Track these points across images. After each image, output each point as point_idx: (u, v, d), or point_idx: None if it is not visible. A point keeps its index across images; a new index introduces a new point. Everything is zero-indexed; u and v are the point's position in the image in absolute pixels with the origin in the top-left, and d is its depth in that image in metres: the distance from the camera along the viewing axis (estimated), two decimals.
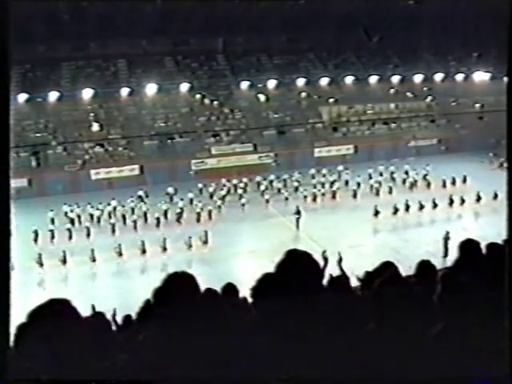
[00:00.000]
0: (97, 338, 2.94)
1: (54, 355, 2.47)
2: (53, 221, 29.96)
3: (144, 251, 26.04)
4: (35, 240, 27.67)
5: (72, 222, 30.53)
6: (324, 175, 37.52)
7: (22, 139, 37.56)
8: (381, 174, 37.62)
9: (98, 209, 31.77)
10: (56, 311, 2.60)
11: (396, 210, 30.18)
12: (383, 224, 29.59)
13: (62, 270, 25.12)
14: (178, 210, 31.01)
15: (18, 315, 2.68)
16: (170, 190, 35.05)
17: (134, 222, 30.11)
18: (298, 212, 29.64)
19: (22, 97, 39.91)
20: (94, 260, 25.56)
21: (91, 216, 31.32)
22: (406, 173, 37.51)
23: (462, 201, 31.13)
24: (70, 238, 28.59)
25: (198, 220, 30.56)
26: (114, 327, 4.42)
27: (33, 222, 28.16)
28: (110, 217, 30.74)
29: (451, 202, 31.06)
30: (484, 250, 3.63)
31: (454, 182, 35.33)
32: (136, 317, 3.58)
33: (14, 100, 37.69)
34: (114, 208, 31.85)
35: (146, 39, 43.87)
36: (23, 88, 40.00)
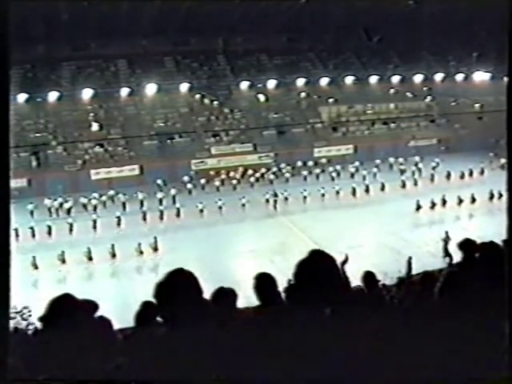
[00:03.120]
0: (99, 338, 2.94)
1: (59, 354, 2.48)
2: (32, 213, 31.21)
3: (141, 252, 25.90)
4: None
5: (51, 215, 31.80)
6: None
7: (22, 139, 37.55)
8: (391, 166, 40.15)
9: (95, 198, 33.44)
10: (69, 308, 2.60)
11: (433, 205, 30.74)
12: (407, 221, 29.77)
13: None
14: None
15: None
16: (186, 178, 37.55)
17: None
18: (275, 195, 33.21)
19: (22, 97, 39.93)
20: (114, 256, 25.28)
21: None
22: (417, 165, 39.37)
23: (460, 201, 31.16)
24: (33, 236, 28.29)
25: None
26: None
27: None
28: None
29: (443, 203, 31.13)
30: (481, 249, 3.64)
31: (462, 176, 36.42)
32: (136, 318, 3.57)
33: (13, 100, 37.69)
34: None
35: (146, 39, 43.87)
36: (23, 88, 39.99)
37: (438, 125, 47.57)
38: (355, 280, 4.74)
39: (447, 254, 22.83)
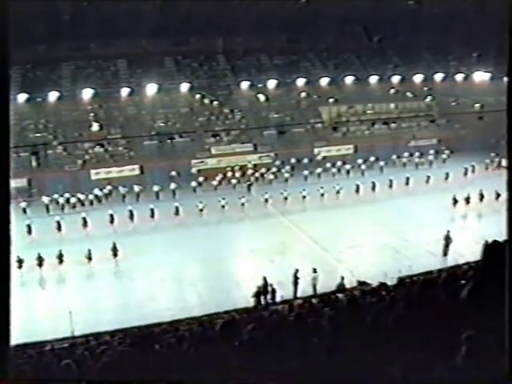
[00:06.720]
0: None
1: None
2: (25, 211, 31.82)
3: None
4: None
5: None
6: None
7: (22, 139, 37.55)
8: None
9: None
10: None
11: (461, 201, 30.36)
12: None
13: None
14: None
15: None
16: (194, 170, 39.94)
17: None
18: (249, 187, 36.83)
19: (22, 97, 39.92)
20: (115, 255, 25.04)
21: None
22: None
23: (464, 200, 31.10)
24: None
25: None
26: None
27: None
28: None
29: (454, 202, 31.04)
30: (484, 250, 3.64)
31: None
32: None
33: (13, 100, 37.71)
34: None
35: (145, 39, 43.88)
36: (23, 88, 40.00)
37: (438, 125, 47.59)
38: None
39: (446, 253, 22.89)
